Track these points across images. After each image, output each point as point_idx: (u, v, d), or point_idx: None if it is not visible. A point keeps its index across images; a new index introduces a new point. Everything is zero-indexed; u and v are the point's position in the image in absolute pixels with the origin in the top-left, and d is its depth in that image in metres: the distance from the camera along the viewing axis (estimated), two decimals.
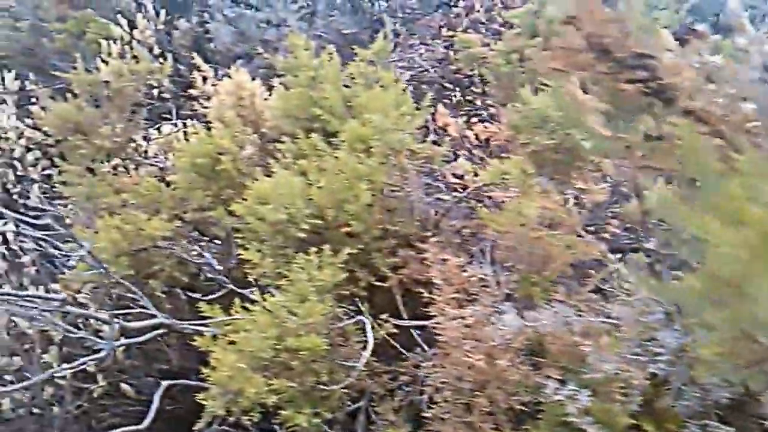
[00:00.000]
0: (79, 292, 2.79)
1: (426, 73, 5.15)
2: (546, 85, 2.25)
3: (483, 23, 4.09)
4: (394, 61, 5.30)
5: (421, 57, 5.42)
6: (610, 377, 1.58)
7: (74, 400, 2.54)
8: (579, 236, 1.77)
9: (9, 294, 2.14)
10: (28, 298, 2.11)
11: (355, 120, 2.55)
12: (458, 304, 2.01)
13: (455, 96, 4.05)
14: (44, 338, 2.55)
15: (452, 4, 5.85)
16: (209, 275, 2.61)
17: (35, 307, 2.08)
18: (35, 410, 2.44)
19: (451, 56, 4.01)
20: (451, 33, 4.06)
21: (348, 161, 2.34)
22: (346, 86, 2.74)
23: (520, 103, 2.35)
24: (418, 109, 2.69)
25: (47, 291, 2.79)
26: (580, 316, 1.81)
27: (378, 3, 5.84)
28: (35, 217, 2.92)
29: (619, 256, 1.86)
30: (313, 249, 2.12)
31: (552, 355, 1.84)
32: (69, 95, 3.01)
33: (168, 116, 3.46)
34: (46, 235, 2.90)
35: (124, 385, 2.74)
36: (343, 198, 2.30)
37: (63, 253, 2.85)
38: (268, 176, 2.49)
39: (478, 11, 4.13)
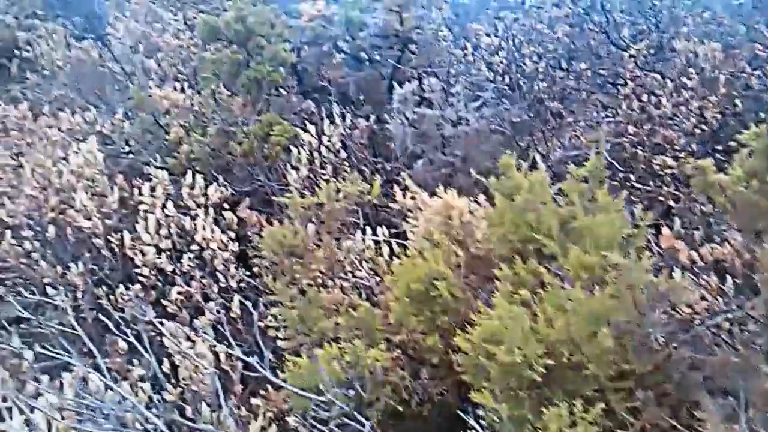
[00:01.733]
0: (286, 414, 2.83)
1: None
2: None
3: (671, 119, 3.89)
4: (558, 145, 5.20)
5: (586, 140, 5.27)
6: None
7: None
8: None
9: None
10: None
11: (576, 245, 2.45)
12: None
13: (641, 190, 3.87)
14: None
15: (615, 83, 5.69)
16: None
17: None
18: None
19: (639, 154, 3.83)
20: (634, 129, 3.89)
21: (580, 297, 2.22)
22: (559, 204, 2.66)
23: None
24: (636, 226, 2.56)
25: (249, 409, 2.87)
26: None
27: (538, 83, 5.78)
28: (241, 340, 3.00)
29: None
30: (562, 403, 1.99)
31: None
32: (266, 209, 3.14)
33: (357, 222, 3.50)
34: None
35: None
36: (579, 337, 2.18)
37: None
38: (487, 305, 2.44)
39: (665, 106, 3.93)
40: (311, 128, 3.99)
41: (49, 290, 3.76)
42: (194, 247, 3.80)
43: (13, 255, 3.88)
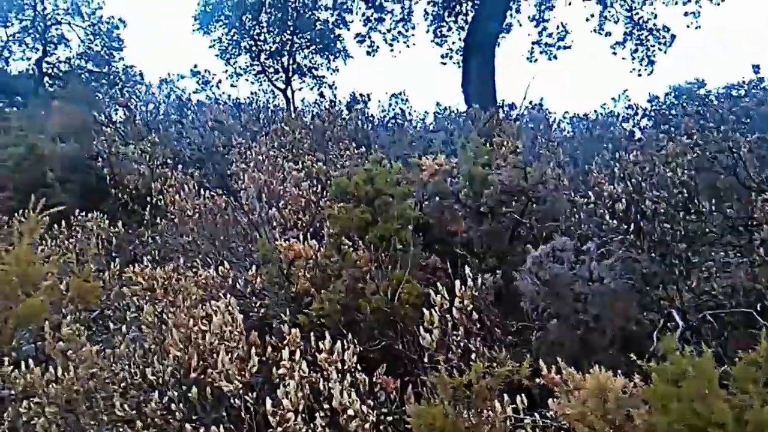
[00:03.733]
0: None
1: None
2: None
3: None
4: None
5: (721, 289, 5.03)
6: None
7: None
8: None
9: None
10: None
11: None
12: None
13: None
14: None
15: (747, 225, 5.48)
16: None
17: None
18: None
19: None
20: None
21: None
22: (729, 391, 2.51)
23: None
24: None
25: None
26: None
27: (661, 225, 5.64)
28: None
29: None
30: None
31: None
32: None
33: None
34: None
35: None
36: None
37: None
38: None
39: None
40: (441, 288, 4.02)
41: None
42: (326, 405, 3.82)
43: (158, 414, 4.03)
